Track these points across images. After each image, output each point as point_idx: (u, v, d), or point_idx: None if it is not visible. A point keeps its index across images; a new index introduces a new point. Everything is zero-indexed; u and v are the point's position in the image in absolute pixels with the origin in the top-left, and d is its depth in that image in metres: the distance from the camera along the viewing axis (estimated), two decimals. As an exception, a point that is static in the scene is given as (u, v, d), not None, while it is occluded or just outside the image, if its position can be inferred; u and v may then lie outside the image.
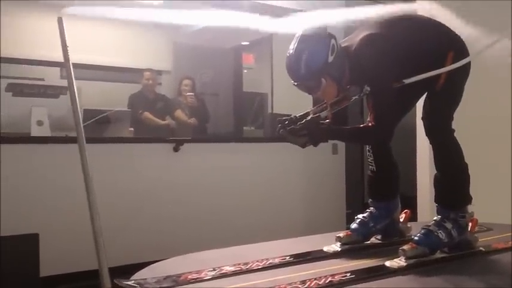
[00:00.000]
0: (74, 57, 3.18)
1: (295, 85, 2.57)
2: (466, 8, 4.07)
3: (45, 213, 4.14)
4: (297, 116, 2.57)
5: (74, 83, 3.11)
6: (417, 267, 2.50)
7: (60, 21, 3.06)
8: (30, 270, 3.80)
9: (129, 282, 2.36)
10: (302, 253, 2.76)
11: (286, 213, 5.32)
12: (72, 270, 4.10)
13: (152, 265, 2.67)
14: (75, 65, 3.19)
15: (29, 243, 3.83)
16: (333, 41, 2.55)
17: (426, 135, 2.70)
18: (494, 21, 4.19)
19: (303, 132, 2.50)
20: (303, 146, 2.55)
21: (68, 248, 4.07)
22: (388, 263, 2.51)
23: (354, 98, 2.64)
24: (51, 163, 4.20)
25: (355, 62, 2.58)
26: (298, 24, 2.59)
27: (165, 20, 5.75)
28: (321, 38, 2.56)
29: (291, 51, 2.54)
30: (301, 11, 2.62)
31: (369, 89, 2.56)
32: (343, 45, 2.63)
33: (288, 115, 2.61)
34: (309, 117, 2.54)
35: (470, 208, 2.71)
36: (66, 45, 3.06)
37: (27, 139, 4.35)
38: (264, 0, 5.59)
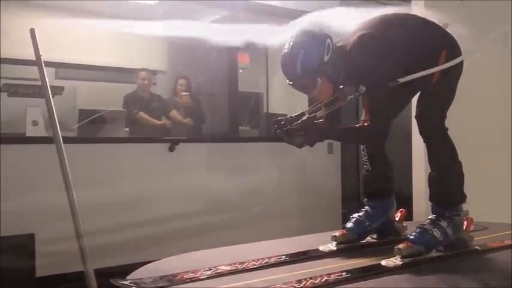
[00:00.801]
0: (70, 58, 3.21)
1: (290, 84, 2.57)
2: (460, 9, 4.09)
3: (41, 214, 4.13)
4: (293, 116, 2.58)
5: (49, 89, 3.17)
6: (413, 266, 2.50)
7: (32, 32, 3.11)
8: (26, 271, 3.80)
9: (125, 282, 2.36)
10: (298, 252, 2.77)
11: (281, 213, 5.33)
12: (68, 270, 4.09)
13: (148, 264, 2.67)
14: (71, 66, 3.22)
15: (25, 243, 3.83)
16: (328, 40, 2.56)
17: (420, 133, 2.71)
18: (489, 21, 4.21)
19: (299, 133, 2.50)
20: (300, 146, 2.55)
21: (64, 248, 4.06)
22: (383, 262, 2.52)
23: (349, 97, 2.64)
24: (47, 163, 4.19)
25: (350, 62, 2.58)
26: (295, 25, 2.60)
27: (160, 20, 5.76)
28: (316, 37, 2.56)
29: (286, 51, 2.55)
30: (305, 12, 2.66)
31: (364, 88, 2.56)
32: (338, 44, 2.63)
33: (283, 115, 2.62)
34: (304, 118, 2.54)
35: (465, 207, 2.72)
36: (39, 54, 3.11)
37: (22, 139, 4.35)
38: (263, 0, 5.60)
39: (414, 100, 2.81)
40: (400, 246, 2.56)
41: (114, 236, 4.26)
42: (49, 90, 3.20)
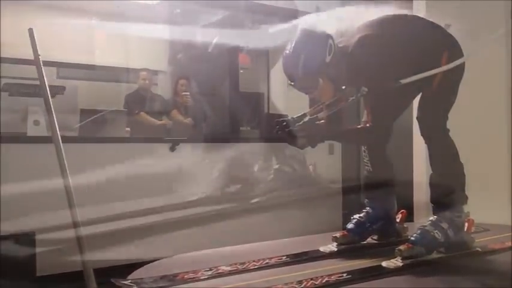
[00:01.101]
0: (71, 58, 3.21)
1: (292, 85, 2.57)
2: (461, 9, 4.08)
3: (41, 213, 4.13)
4: (295, 117, 2.57)
5: (47, 88, 3.19)
6: (413, 267, 2.50)
7: (30, 31, 3.12)
8: (27, 270, 3.79)
9: (126, 282, 2.37)
10: (299, 253, 2.77)
11: (282, 213, 5.32)
12: (69, 269, 4.09)
13: (149, 264, 2.68)
14: (72, 65, 3.22)
15: (25, 242, 3.83)
16: (330, 41, 2.55)
17: (421, 135, 2.71)
18: (489, 21, 4.21)
19: (301, 134, 2.50)
20: (302, 147, 2.55)
21: (64, 247, 4.06)
22: (384, 263, 2.52)
23: (350, 98, 2.64)
24: (48, 162, 4.19)
25: (352, 63, 2.58)
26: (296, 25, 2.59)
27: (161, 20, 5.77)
28: (318, 38, 2.56)
29: (288, 51, 2.55)
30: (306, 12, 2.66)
31: (366, 89, 2.56)
32: (340, 45, 2.63)
33: (284, 115, 2.61)
34: (306, 119, 2.54)
35: (466, 208, 2.72)
36: (38, 54, 3.13)
37: (23, 139, 4.35)
38: (263, 0, 5.60)
39: (415, 101, 2.81)
40: (401, 247, 2.56)
41: (114, 235, 4.26)
42: (47, 89, 3.21)
